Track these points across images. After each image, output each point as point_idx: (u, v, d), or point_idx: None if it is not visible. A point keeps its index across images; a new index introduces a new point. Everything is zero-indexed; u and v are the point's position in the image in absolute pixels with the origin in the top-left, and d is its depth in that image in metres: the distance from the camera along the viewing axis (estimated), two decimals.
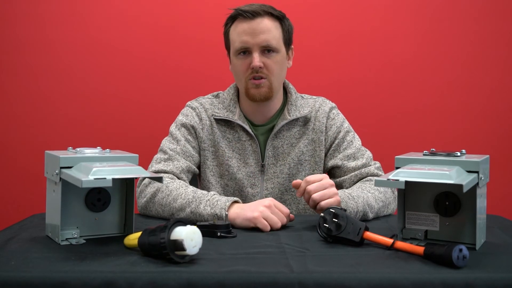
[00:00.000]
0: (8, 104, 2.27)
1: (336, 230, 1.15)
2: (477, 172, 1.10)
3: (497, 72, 2.29)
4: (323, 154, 1.64)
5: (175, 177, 1.52)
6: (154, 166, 1.55)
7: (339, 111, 1.70)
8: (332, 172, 1.65)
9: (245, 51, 1.56)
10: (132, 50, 2.28)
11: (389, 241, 1.11)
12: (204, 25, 2.26)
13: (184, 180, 1.54)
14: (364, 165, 1.60)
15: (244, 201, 1.56)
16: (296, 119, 1.63)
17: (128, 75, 2.28)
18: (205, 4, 2.27)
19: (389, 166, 1.57)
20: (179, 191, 1.43)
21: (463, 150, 1.19)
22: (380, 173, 1.60)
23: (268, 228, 1.29)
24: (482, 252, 1.10)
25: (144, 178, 1.51)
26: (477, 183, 1.10)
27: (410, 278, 0.93)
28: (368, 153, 1.63)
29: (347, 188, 1.58)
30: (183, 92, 2.22)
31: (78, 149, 1.20)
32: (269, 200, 1.33)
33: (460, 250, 0.98)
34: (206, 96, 1.71)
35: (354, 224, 1.15)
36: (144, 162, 1.23)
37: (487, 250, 1.12)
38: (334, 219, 1.16)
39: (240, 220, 1.31)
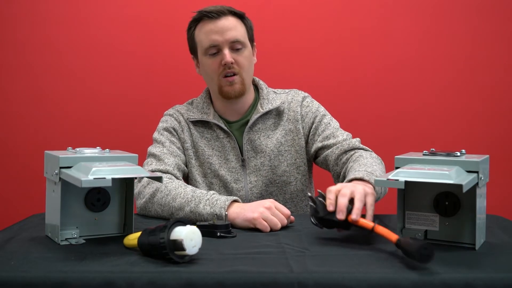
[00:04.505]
0: (8, 104, 2.27)
1: (323, 211, 1.17)
2: (476, 172, 1.10)
3: (497, 72, 2.29)
4: (303, 142, 1.67)
5: (173, 177, 1.53)
6: (146, 168, 1.55)
7: (313, 99, 1.73)
8: (316, 155, 1.67)
9: (215, 50, 1.60)
10: (132, 50, 2.28)
11: (370, 224, 1.12)
12: None
13: (178, 177, 1.56)
14: (344, 140, 1.61)
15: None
16: (270, 112, 1.67)
17: (128, 75, 2.28)
18: (207, 3, 2.27)
19: (389, 166, 1.57)
20: (178, 191, 1.44)
21: (463, 150, 1.19)
22: (362, 146, 1.60)
23: (268, 229, 1.29)
24: (482, 252, 1.10)
25: (142, 179, 1.51)
26: (477, 183, 1.10)
27: (410, 278, 0.93)
28: (348, 133, 1.65)
29: (332, 161, 1.60)
30: (183, 92, 2.22)
31: (77, 149, 1.20)
32: (270, 202, 1.33)
33: (425, 248, 0.98)
34: (182, 104, 1.76)
35: None
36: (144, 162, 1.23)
37: (487, 250, 1.12)
38: (322, 201, 1.19)
39: (239, 220, 1.32)
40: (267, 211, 1.30)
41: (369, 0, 2.30)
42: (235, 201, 1.37)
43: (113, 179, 1.05)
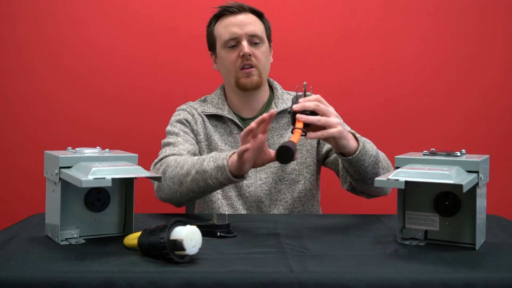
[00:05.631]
0: (8, 104, 2.27)
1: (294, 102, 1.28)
2: (477, 172, 1.10)
3: (496, 72, 2.29)
4: (315, 142, 1.69)
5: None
6: (161, 155, 1.57)
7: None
8: (327, 156, 1.69)
9: (234, 43, 1.64)
10: (132, 49, 2.28)
11: (298, 126, 1.23)
12: (204, 24, 2.26)
13: None
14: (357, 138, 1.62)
15: (239, 192, 1.64)
16: (284, 111, 1.69)
17: (128, 75, 2.28)
18: (206, 4, 2.27)
19: None
20: (186, 160, 1.45)
21: (463, 150, 1.19)
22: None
23: (248, 146, 1.25)
24: (482, 252, 1.10)
25: (155, 164, 1.53)
26: (477, 183, 1.10)
27: (410, 278, 0.93)
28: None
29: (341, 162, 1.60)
30: (183, 92, 2.22)
31: (77, 149, 1.20)
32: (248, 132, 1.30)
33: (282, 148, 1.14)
34: (194, 101, 1.77)
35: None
36: (144, 162, 1.23)
37: (487, 250, 1.12)
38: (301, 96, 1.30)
39: (231, 160, 1.31)
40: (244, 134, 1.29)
41: (369, 0, 2.30)
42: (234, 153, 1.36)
43: (113, 179, 1.05)
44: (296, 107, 1.26)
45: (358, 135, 1.41)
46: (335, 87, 2.28)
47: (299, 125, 1.24)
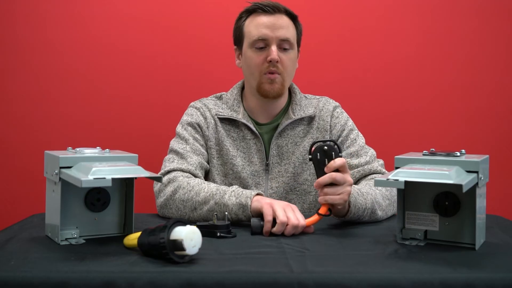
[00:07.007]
0: (8, 104, 2.26)
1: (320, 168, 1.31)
2: (476, 172, 1.10)
3: (497, 73, 2.29)
4: None
5: (192, 176, 1.50)
6: (168, 165, 1.52)
7: (342, 110, 1.72)
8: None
9: (262, 45, 1.57)
10: (132, 49, 2.27)
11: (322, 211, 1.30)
12: (205, 24, 2.26)
13: (200, 177, 1.54)
14: (367, 163, 1.59)
15: None
16: (301, 119, 1.64)
17: (128, 75, 2.28)
18: (207, 3, 2.27)
19: (389, 166, 1.57)
20: (201, 186, 1.42)
21: (463, 150, 1.19)
22: (384, 170, 1.60)
23: (270, 217, 1.26)
24: (482, 252, 1.11)
25: (163, 178, 1.49)
26: (477, 183, 1.10)
27: (410, 278, 0.93)
28: (372, 151, 1.63)
29: None
30: (184, 92, 2.22)
31: (77, 149, 1.20)
32: (293, 206, 1.31)
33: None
34: (208, 98, 1.72)
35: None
36: (144, 162, 1.23)
37: (487, 250, 1.12)
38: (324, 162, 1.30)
39: (257, 202, 1.31)
40: (282, 206, 1.28)
41: (370, 0, 2.30)
42: (259, 194, 1.36)
43: (113, 179, 1.05)
44: (322, 181, 1.29)
45: (350, 194, 1.34)
46: (336, 87, 2.27)
47: (322, 211, 1.30)
